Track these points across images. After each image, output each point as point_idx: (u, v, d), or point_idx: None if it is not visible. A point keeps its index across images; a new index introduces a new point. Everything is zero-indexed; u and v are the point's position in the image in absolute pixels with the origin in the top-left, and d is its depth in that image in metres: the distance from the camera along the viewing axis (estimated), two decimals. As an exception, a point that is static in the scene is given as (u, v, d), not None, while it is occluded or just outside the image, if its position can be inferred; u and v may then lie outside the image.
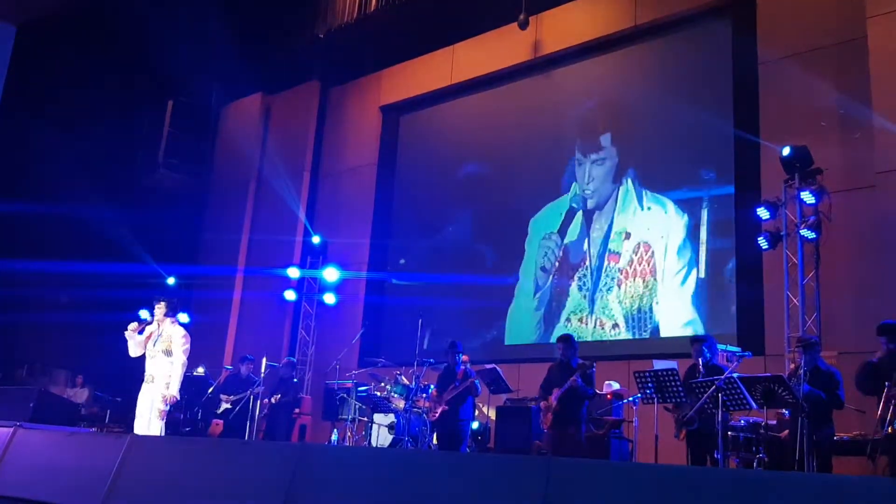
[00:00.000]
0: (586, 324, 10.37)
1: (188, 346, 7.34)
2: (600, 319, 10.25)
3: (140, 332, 7.31)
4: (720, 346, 7.29)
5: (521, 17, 11.05)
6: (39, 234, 13.24)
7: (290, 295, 12.73)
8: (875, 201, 7.92)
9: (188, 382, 9.37)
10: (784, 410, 6.47)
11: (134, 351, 7.36)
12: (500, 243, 11.72)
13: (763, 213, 8.24)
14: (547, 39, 11.52)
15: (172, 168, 14.83)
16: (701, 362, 6.77)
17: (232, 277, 13.95)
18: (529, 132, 11.73)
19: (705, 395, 6.01)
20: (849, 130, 8.33)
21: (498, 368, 8.65)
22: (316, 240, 12.95)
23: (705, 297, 9.50)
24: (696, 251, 9.64)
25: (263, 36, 13.55)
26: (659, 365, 6.93)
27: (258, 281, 13.60)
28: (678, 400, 6.53)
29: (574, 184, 11.01)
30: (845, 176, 8.23)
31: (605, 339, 10.10)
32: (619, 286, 10.17)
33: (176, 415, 8.40)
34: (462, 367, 8.18)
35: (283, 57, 14.01)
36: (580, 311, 10.48)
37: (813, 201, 7.91)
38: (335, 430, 9.88)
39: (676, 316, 9.63)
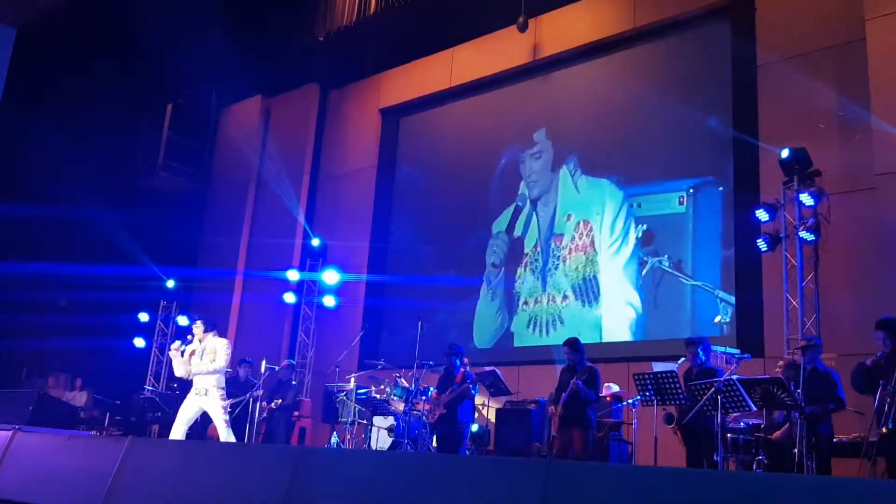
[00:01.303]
0: (541, 303, 10.97)
1: (230, 351, 7.58)
2: (552, 295, 10.87)
3: (182, 353, 7.50)
4: (719, 349, 7.29)
5: (521, 19, 11.03)
6: (39, 236, 13.23)
7: (289, 298, 12.72)
8: (874, 203, 7.92)
9: (187, 385, 9.37)
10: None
11: (178, 370, 7.58)
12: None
13: (762, 215, 8.25)
14: (546, 42, 11.53)
15: (172, 171, 14.83)
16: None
17: (231, 280, 13.94)
18: (528, 133, 11.74)
19: (704, 398, 6.01)
20: (848, 132, 8.33)
21: (497, 371, 8.63)
22: (315, 242, 12.95)
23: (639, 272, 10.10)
24: (627, 229, 10.25)
25: (263, 38, 13.53)
26: (658, 367, 6.94)
27: (258, 284, 13.59)
28: (677, 402, 6.54)
29: (522, 182, 11.67)
30: (844, 178, 8.23)
31: (559, 312, 10.65)
32: (564, 262, 10.84)
33: (175, 417, 8.39)
34: (461, 370, 8.18)
35: (282, 59, 14.00)
36: (535, 293, 11.07)
37: (812, 203, 7.92)
38: (335, 432, 9.87)
39: (615, 287, 10.29)
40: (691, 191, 9.83)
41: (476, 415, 8.82)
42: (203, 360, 7.42)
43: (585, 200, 10.85)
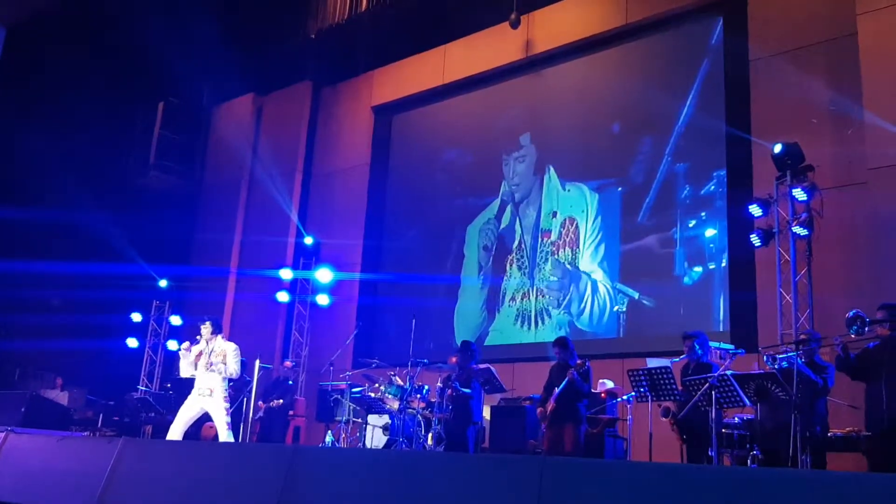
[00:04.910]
0: (529, 298, 11.00)
1: (239, 356, 7.59)
2: (541, 290, 10.93)
3: (189, 351, 7.48)
4: (713, 344, 7.29)
5: (513, 16, 11.02)
6: (30, 236, 13.15)
7: (282, 296, 12.68)
8: (867, 198, 7.93)
9: (181, 385, 9.34)
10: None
11: (184, 371, 7.53)
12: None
13: (755, 210, 8.25)
14: (538, 38, 11.52)
15: (164, 169, 14.75)
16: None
17: (224, 279, 13.88)
18: (518, 132, 11.73)
19: (699, 393, 6.01)
20: (840, 127, 8.35)
21: (492, 368, 8.62)
22: (308, 241, 12.91)
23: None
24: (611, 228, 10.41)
25: (255, 36, 13.50)
26: (652, 363, 6.94)
27: (251, 282, 13.54)
28: (672, 398, 6.54)
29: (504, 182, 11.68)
30: (837, 173, 8.25)
31: (548, 307, 10.73)
32: (553, 256, 10.92)
33: (168, 417, 8.36)
34: (470, 367, 8.15)
35: (274, 57, 13.97)
36: (523, 288, 11.12)
37: (805, 198, 7.93)
38: (329, 431, 9.85)
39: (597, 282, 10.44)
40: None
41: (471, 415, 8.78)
42: (212, 362, 7.37)
43: (570, 199, 10.92)
